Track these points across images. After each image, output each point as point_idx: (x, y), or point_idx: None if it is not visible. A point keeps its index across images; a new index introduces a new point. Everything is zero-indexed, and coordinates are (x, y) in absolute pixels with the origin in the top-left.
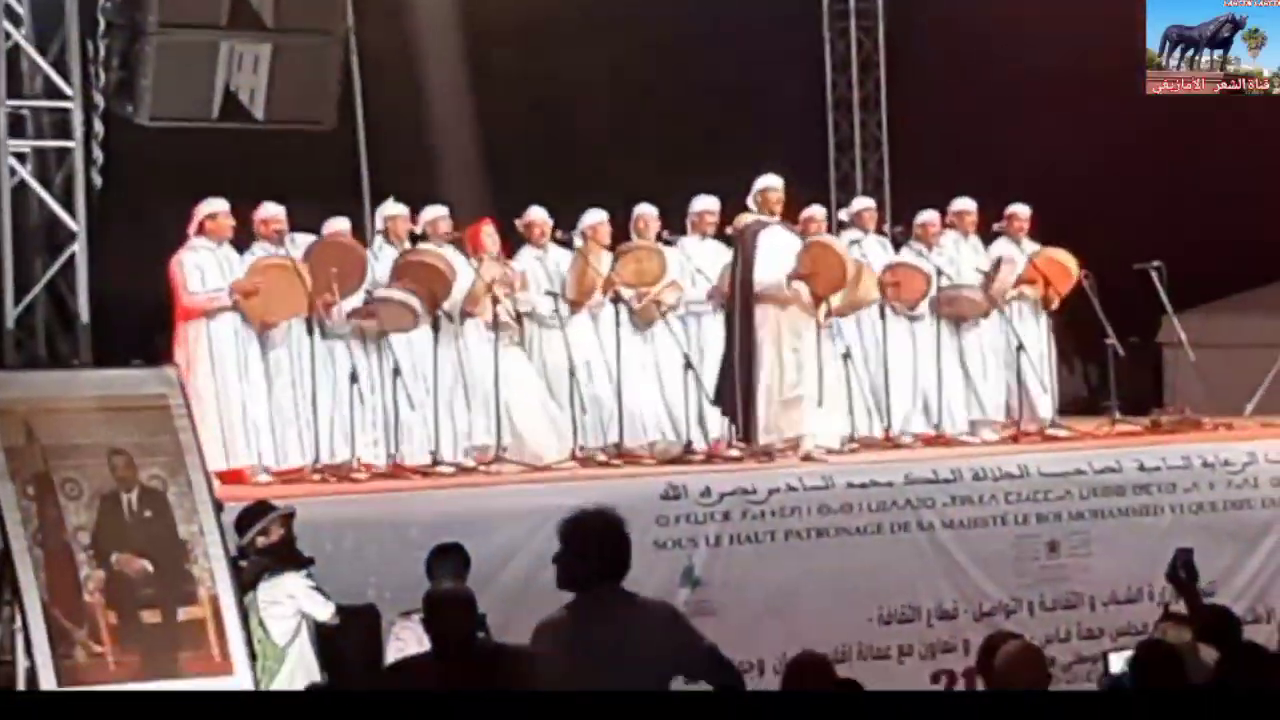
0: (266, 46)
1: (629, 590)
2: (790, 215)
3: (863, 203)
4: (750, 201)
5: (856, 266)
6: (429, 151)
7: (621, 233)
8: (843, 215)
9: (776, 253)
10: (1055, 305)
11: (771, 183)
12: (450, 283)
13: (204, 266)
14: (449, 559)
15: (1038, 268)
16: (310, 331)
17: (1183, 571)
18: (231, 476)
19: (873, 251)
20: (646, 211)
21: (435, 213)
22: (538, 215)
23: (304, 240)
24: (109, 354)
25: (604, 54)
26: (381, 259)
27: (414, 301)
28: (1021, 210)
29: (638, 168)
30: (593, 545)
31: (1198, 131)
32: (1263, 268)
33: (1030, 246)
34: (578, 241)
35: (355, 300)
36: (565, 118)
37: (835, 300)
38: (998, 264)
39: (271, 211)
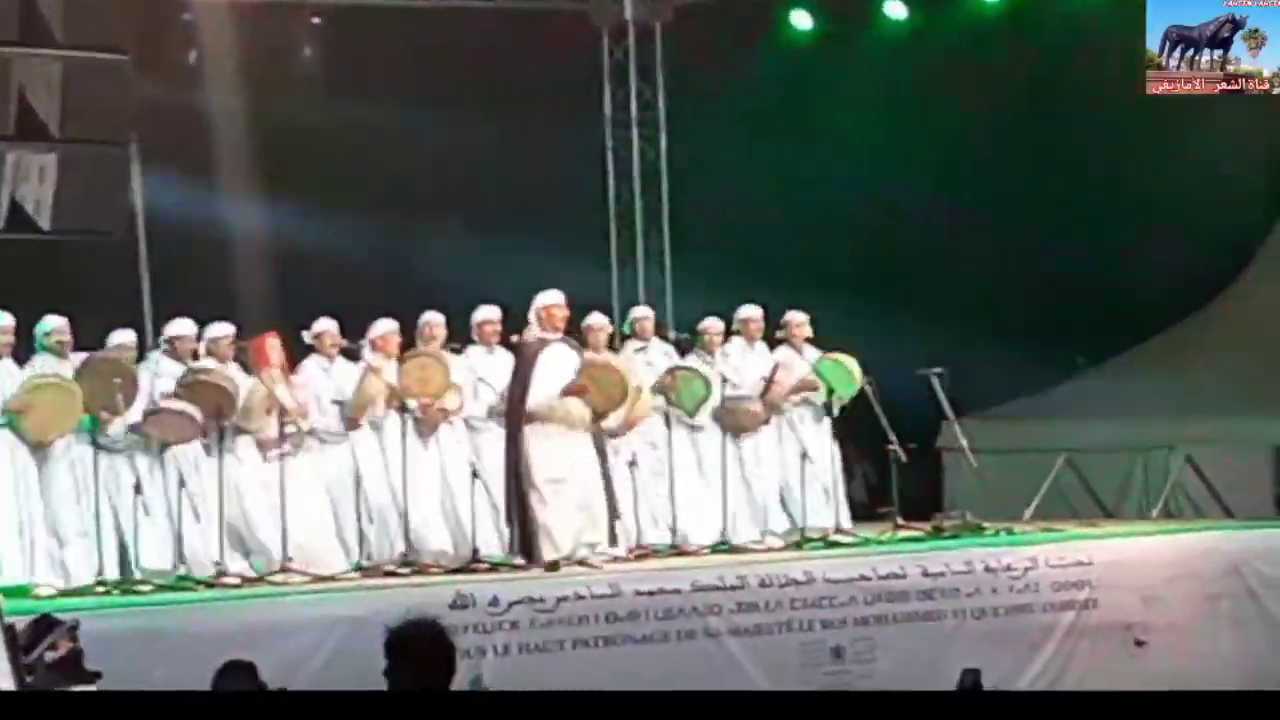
0: (52, 157)
1: None
2: (573, 323)
3: (640, 312)
4: (532, 317)
5: (636, 387)
6: (216, 262)
7: (410, 342)
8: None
9: (555, 372)
10: (837, 411)
11: (553, 299)
12: (235, 400)
13: None
14: (236, 677)
15: (820, 374)
16: (94, 444)
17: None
18: (13, 591)
19: (658, 359)
20: (433, 319)
21: (219, 330)
22: (327, 326)
23: (80, 358)
24: None
25: (391, 162)
26: (162, 374)
27: (195, 412)
28: (797, 316)
29: (425, 276)
30: (421, 657)
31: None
32: (1039, 374)
33: (812, 353)
34: (366, 351)
35: (134, 414)
36: (355, 228)
37: (611, 420)
38: (775, 369)
39: (55, 324)
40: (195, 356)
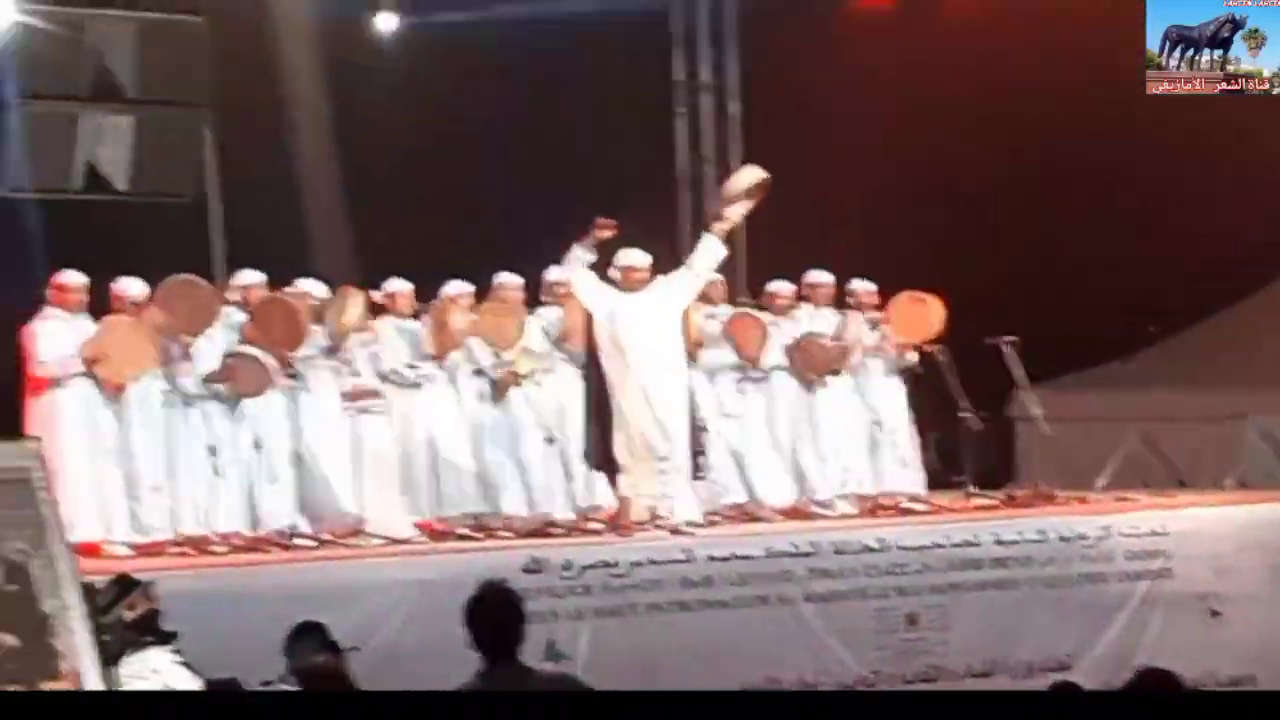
0: (128, 119)
1: (525, 665)
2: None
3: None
4: (612, 276)
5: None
6: (292, 224)
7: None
8: None
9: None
10: (907, 356)
11: (636, 260)
12: (304, 325)
13: (57, 336)
14: (308, 638)
15: (895, 307)
16: (169, 401)
17: None
18: (89, 550)
19: None
20: (508, 280)
21: (306, 286)
22: (400, 286)
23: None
24: None
25: (466, 126)
26: (234, 327)
27: (269, 359)
28: (864, 286)
29: (499, 240)
30: (488, 622)
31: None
32: (1111, 342)
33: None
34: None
35: (210, 358)
36: (430, 189)
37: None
38: (843, 325)
39: (127, 285)
40: None
